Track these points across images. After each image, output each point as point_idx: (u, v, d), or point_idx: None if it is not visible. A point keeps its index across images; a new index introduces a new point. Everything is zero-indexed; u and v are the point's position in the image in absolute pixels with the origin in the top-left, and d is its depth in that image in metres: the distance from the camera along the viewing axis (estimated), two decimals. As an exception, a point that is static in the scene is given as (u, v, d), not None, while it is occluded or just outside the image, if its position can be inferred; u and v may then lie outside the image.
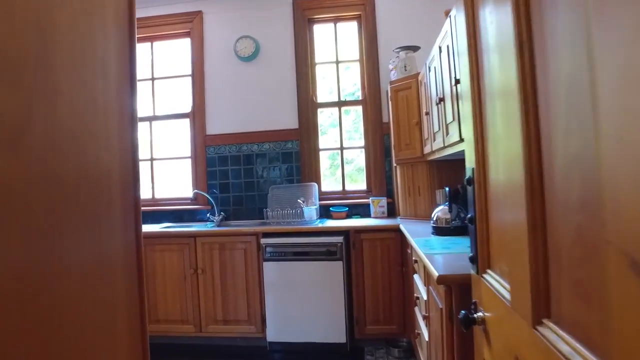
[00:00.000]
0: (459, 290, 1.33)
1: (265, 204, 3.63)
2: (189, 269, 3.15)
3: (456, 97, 1.82)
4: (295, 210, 3.37)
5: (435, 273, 1.37)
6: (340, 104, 3.79)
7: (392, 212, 3.49)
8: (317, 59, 3.83)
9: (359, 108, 3.77)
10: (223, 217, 3.68)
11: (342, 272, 2.93)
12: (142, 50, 4.12)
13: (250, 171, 3.77)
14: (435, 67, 2.31)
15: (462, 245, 1.94)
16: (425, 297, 1.91)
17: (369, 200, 3.50)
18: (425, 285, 1.89)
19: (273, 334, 3.01)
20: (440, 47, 2.16)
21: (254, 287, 3.09)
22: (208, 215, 3.71)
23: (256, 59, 3.79)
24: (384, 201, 3.46)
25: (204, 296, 3.14)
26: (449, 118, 2.01)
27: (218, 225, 3.56)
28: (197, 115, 3.85)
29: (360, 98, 3.75)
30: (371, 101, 3.64)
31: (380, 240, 2.96)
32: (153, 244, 3.21)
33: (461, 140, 1.82)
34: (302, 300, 2.97)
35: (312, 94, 3.75)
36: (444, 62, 2.08)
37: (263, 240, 3.04)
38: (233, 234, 3.12)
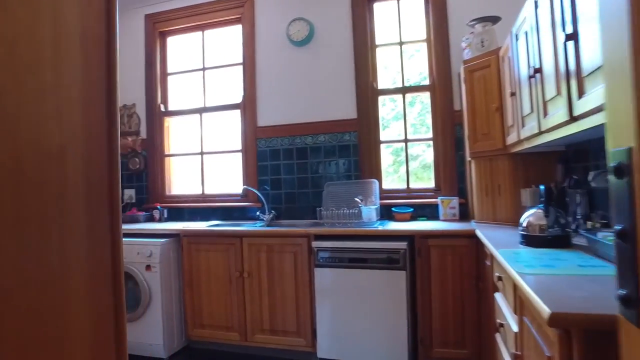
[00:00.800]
0: (583, 338, 0.88)
1: (320, 202, 3.29)
2: (235, 271, 2.89)
3: (565, 62, 1.34)
4: (353, 210, 2.99)
5: (545, 309, 0.93)
6: (404, 90, 3.34)
7: (464, 214, 3.00)
8: (377, 41, 3.41)
9: (425, 96, 3.30)
10: (274, 215, 3.40)
11: (405, 283, 2.51)
12: (192, 39, 3.95)
13: (303, 166, 3.45)
14: (528, 31, 1.82)
15: (568, 263, 1.45)
16: (515, 329, 1.45)
17: (438, 201, 3.04)
18: (516, 314, 1.43)
19: (324, 350, 2.66)
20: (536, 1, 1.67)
21: (304, 296, 2.76)
22: (258, 213, 3.44)
23: (310, 43, 3.46)
24: (455, 201, 2.97)
25: (250, 302, 2.87)
26: (550, 92, 1.53)
27: (268, 225, 3.28)
28: (248, 106, 3.59)
29: (427, 83, 3.28)
30: (440, 86, 3.16)
31: (452, 248, 2.50)
32: (198, 243, 3.00)
33: (572, 119, 1.34)
34: (359, 314, 2.59)
35: (372, 79, 3.34)
36: (544, 18, 1.59)
37: (315, 244, 2.70)
38: (282, 235, 2.81)
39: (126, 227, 3.28)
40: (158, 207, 3.74)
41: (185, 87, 4.00)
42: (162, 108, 3.96)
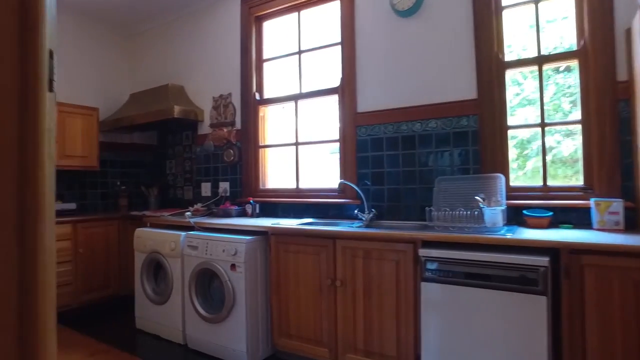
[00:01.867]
0: None
1: (429, 200, 2.74)
2: (326, 278, 2.50)
3: None
4: (472, 211, 2.40)
5: None
6: (541, 60, 2.61)
7: (632, 222, 2.21)
8: (505, 0, 2.73)
9: (571, 67, 2.54)
10: (374, 215, 2.93)
11: (545, 313, 1.86)
12: (288, 22, 3.66)
13: (410, 157, 2.92)
14: None
15: None
16: None
17: (590, 203, 2.29)
18: None
19: (432, 385, 2.13)
20: None
21: (406, 315, 2.25)
22: (356, 212, 3.01)
23: (418, 11, 2.91)
24: (618, 205, 2.19)
25: (342, 316, 2.45)
26: None
27: (367, 226, 2.82)
28: (347, 90, 3.18)
29: (575, 48, 2.51)
30: (597, 50, 2.37)
31: (620, 271, 1.78)
32: (287, 243, 2.67)
33: None
34: (476, 345, 2.00)
35: (497, 49, 2.68)
36: None
37: (422, 251, 2.18)
38: (382, 239, 2.34)
39: (217, 221, 3.10)
40: (251, 201, 3.52)
41: (281, 73, 3.73)
42: (257, 96, 3.74)
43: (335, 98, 3.29)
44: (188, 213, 3.52)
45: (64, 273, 3.79)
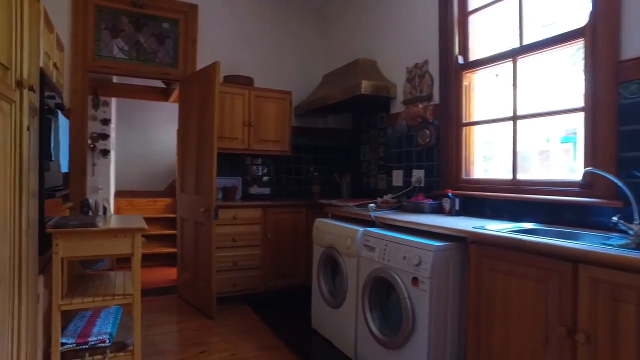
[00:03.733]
0: None
1: None
2: (557, 325, 1.56)
3: None
4: None
5: None
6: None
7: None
8: None
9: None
10: (649, 226, 1.77)
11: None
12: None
13: None
14: None
15: None
16: None
17: None
18: None
19: None
20: None
21: None
22: (615, 219, 1.89)
23: None
24: None
25: (587, 392, 1.48)
26: None
27: (637, 245, 1.71)
28: (602, 27, 2.04)
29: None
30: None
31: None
32: (494, 258, 1.82)
33: None
34: None
35: None
36: None
37: None
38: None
39: (401, 218, 2.45)
40: (449, 194, 2.74)
41: (492, 26, 2.79)
42: (460, 60, 2.90)
43: (576, 47, 2.19)
44: (372, 205, 2.99)
45: (253, 257, 3.79)
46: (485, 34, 2.86)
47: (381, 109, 3.87)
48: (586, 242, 1.67)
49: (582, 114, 2.15)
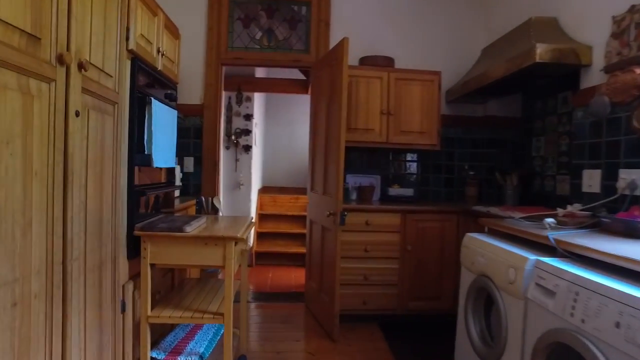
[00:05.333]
0: None
1: None
2: None
3: None
4: None
5: None
6: None
7: None
8: None
9: None
10: None
11: None
12: None
13: None
14: None
15: None
16: None
17: None
18: None
19: None
20: None
21: None
22: None
23: None
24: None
25: None
26: None
27: None
28: None
29: None
30: None
31: None
32: None
33: None
34: None
35: None
36: None
37: None
38: None
39: (604, 247, 1.53)
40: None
41: None
42: None
43: None
44: (550, 220, 2.05)
45: (389, 272, 3.16)
46: None
47: (564, 85, 2.81)
48: None
49: None
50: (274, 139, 6.88)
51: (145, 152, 1.91)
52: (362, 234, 3.13)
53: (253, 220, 2.40)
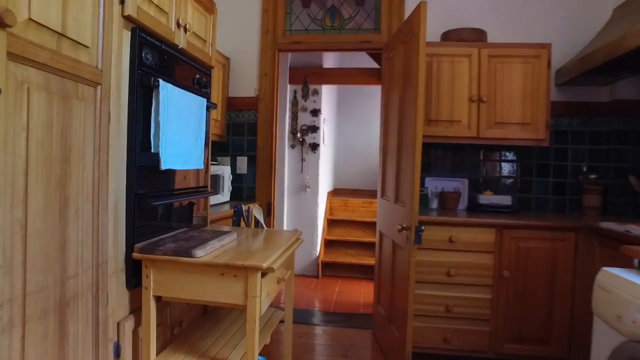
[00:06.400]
0: None
1: None
2: None
3: None
4: None
5: None
6: None
7: None
8: None
9: None
10: None
11: None
12: None
13: None
14: None
15: None
16: None
17: None
18: None
19: None
20: None
21: None
22: None
23: None
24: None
25: None
26: None
27: None
28: None
29: None
30: None
31: None
32: None
33: None
34: None
35: None
36: None
37: None
38: None
39: None
40: None
41: None
42: None
43: None
44: None
45: (479, 302, 2.46)
46: None
47: None
48: None
49: None
50: (346, 137, 6.34)
51: (152, 151, 1.48)
52: (445, 253, 2.48)
53: (300, 237, 1.89)
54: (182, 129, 1.64)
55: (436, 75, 2.69)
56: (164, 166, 1.49)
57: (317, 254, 4.57)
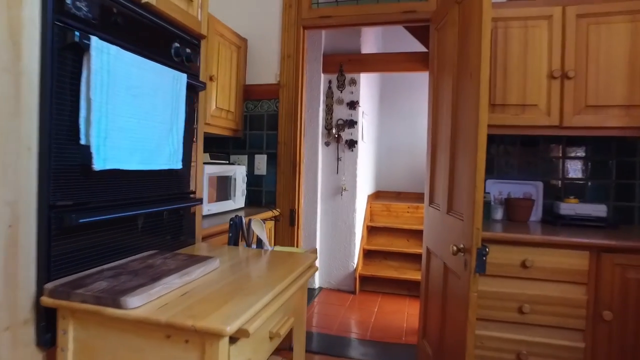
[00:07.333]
0: None
1: None
2: None
3: None
4: None
5: None
6: None
7: None
8: None
9: None
10: None
11: None
12: None
13: None
14: None
15: None
16: None
17: None
18: None
19: None
20: None
21: None
22: None
23: None
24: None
25: None
26: None
27: None
28: None
29: None
30: None
31: None
32: None
33: None
34: None
35: None
36: None
37: None
38: None
39: None
40: None
41: None
42: None
43: None
44: None
45: (567, 352, 1.81)
46: None
47: None
48: None
49: None
50: (389, 132, 5.71)
51: (82, 142, 0.99)
52: (515, 282, 1.85)
53: (315, 264, 1.34)
54: (140, 114, 1.15)
55: (502, 47, 2.06)
56: (100, 165, 1.00)
57: (355, 267, 4.00)
